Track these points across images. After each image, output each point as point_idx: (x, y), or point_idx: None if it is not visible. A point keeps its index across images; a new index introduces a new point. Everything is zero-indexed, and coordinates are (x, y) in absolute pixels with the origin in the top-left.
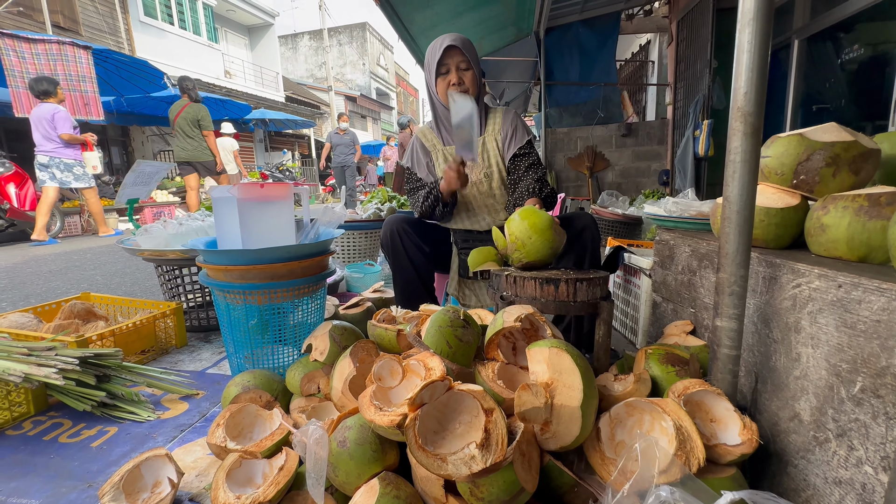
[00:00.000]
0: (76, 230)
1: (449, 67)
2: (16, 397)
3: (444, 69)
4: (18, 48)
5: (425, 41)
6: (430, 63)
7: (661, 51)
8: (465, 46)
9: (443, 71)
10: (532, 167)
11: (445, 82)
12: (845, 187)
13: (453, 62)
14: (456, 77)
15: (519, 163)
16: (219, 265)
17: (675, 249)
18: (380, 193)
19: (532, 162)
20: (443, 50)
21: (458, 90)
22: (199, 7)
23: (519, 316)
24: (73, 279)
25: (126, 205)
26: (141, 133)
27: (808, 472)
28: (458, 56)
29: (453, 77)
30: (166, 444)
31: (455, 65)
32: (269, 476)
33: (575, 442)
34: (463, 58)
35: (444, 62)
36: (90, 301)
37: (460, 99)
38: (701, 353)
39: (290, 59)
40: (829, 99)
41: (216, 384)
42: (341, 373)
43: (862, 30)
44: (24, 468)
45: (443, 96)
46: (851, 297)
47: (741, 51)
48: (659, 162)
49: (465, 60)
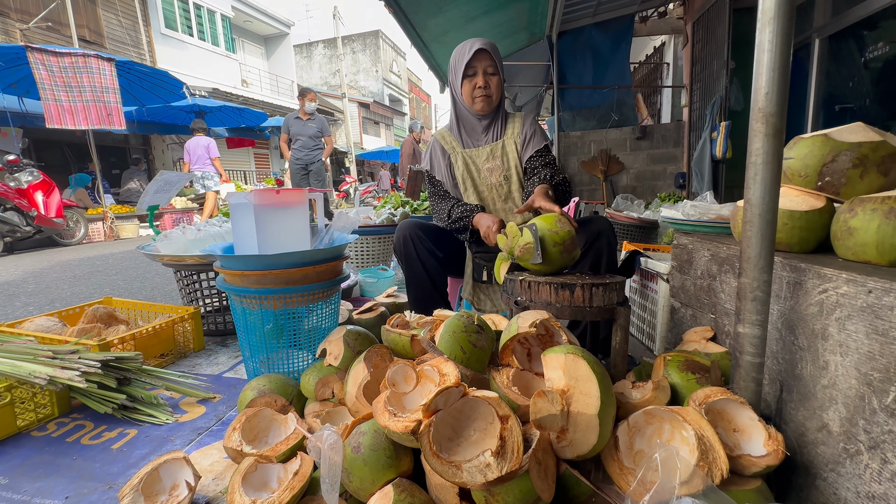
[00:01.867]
0: (99, 236)
1: (476, 70)
2: (41, 399)
3: (471, 71)
4: (47, 62)
5: (437, 47)
6: (457, 65)
7: (675, 52)
8: (494, 51)
9: (469, 73)
10: (547, 165)
11: (472, 84)
12: (874, 189)
13: (481, 66)
14: (483, 80)
15: (535, 163)
16: (235, 270)
17: (693, 254)
18: (393, 199)
19: (547, 161)
20: (473, 53)
21: (483, 94)
22: (218, 19)
23: (534, 321)
24: (97, 284)
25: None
26: (161, 141)
27: (839, 485)
28: (487, 60)
29: (480, 80)
30: (184, 447)
31: (483, 69)
32: (284, 481)
33: (592, 450)
34: (491, 62)
35: (472, 65)
36: (112, 305)
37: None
38: (722, 361)
39: (305, 67)
40: (852, 99)
41: (232, 388)
42: (355, 378)
43: (886, 27)
44: (48, 469)
45: (467, 98)
46: (883, 303)
47: (762, 50)
48: (675, 165)
49: (492, 65)
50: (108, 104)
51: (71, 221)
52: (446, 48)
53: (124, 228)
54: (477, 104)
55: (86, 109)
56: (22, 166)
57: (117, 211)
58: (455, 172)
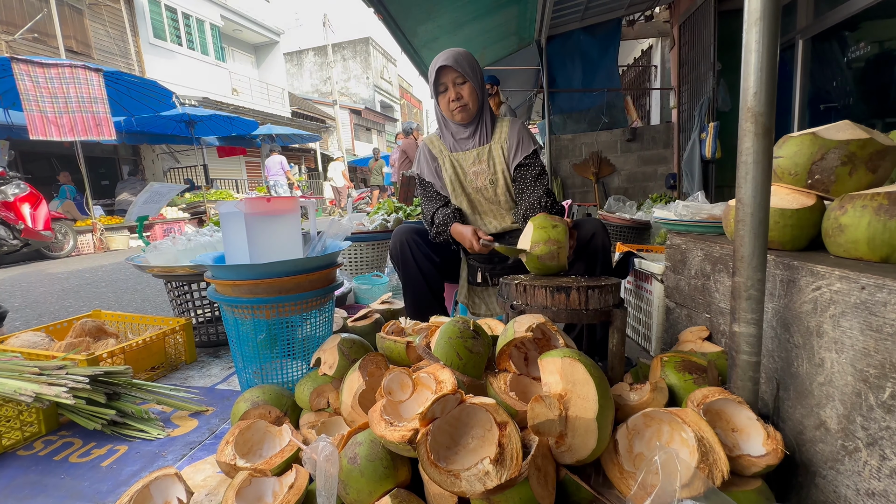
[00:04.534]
0: (88, 248)
1: (446, 85)
2: (27, 417)
3: (441, 88)
4: (33, 73)
5: (428, 53)
6: (430, 83)
7: (663, 55)
8: (457, 63)
9: (441, 90)
10: (539, 178)
11: (446, 99)
12: (862, 186)
13: (449, 79)
14: (454, 93)
15: (525, 172)
16: (227, 280)
17: (687, 254)
18: (386, 204)
19: (538, 172)
20: (436, 71)
21: (458, 105)
22: (207, 28)
23: (530, 325)
24: (86, 297)
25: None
26: (151, 151)
27: (838, 483)
28: (453, 73)
29: (451, 93)
30: (176, 462)
31: (451, 81)
32: (279, 494)
33: (592, 455)
34: (457, 73)
35: (441, 81)
36: (101, 319)
37: None
38: (718, 360)
39: (296, 74)
40: (836, 98)
41: (226, 400)
42: (351, 387)
43: (867, 28)
44: (35, 489)
45: (446, 112)
46: (876, 300)
47: (749, 51)
48: (665, 166)
49: (459, 76)
50: (96, 115)
51: (59, 234)
52: (437, 54)
53: (114, 240)
54: (456, 115)
55: (72, 120)
56: (8, 179)
57: (107, 222)
58: (443, 175)
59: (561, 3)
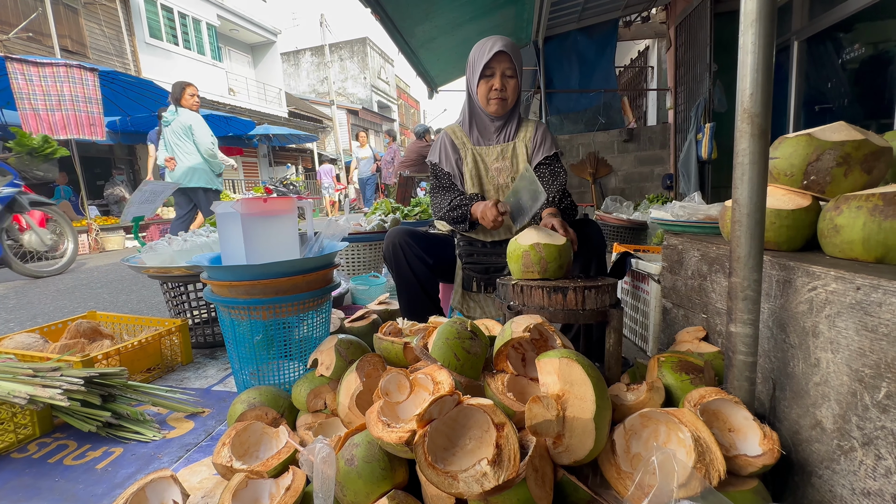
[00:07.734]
0: (84, 248)
1: (494, 72)
2: (21, 419)
3: (488, 72)
4: (27, 72)
5: (425, 53)
6: (476, 63)
7: (659, 56)
8: (514, 53)
9: (487, 74)
10: (555, 176)
11: (488, 86)
12: (858, 187)
13: (500, 68)
14: (500, 83)
15: (544, 170)
16: (223, 281)
17: (683, 254)
18: (383, 205)
19: (556, 171)
20: (492, 54)
21: (499, 96)
22: (203, 27)
23: (528, 326)
24: (80, 298)
25: (131, 223)
26: (147, 152)
27: (834, 482)
28: (507, 62)
29: (497, 83)
30: (172, 464)
31: (501, 71)
32: (275, 496)
33: (589, 455)
34: (510, 65)
35: (491, 66)
36: (96, 320)
37: (532, 180)
38: (715, 360)
39: (293, 75)
40: (831, 99)
41: (222, 401)
42: (348, 388)
43: (862, 29)
44: (29, 492)
45: (482, 99)
46: (871, 300)
47: (745, 52)
48: (662, 166)
49: (511, 68)
50: (90, 114)
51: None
52: (434, 54)
53: (109, 240)
54: (492, 106)
55: (64, 119)
56: None
57: (102, 223)
58: (464, 168)
59: (558, 3)
